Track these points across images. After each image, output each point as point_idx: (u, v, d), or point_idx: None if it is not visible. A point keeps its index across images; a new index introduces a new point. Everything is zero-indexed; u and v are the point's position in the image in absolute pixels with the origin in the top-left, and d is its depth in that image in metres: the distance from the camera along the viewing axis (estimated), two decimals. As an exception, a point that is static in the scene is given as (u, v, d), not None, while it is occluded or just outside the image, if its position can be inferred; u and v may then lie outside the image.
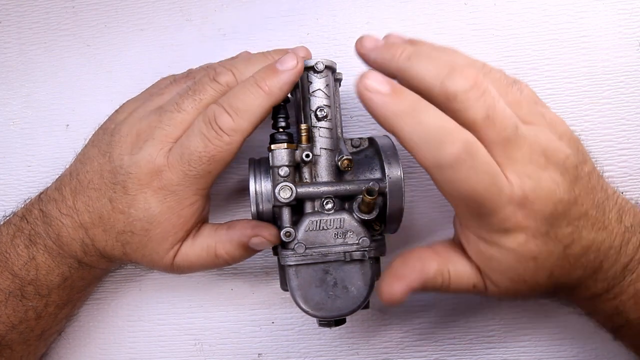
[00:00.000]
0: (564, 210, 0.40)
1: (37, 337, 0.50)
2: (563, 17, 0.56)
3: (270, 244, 0.47)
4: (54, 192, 0.49)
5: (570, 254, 0.42)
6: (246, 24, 0.58)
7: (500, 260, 0.41)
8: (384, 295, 0.43)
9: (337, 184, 0.46)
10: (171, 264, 0.48)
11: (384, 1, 0.58)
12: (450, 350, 0.56)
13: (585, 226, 0.42)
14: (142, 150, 0.46)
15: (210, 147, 0.44)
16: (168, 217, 0.46)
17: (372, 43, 0.44)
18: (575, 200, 0.41)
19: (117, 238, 0.47)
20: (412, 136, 0.37)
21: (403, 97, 0.38)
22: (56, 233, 0.47)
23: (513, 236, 0.40)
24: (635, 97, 0.55)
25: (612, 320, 0.46)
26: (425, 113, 0.37)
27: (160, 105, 0.49)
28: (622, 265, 0.43)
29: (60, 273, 0.48)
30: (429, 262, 0.44)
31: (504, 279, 0.43)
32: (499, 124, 0.38)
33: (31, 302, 0.48)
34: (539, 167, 0.40)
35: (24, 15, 0.60)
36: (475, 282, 0.44)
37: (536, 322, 0.55)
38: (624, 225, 0.43)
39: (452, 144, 0.36)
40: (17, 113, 0.59)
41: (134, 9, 0.59)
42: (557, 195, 0.40)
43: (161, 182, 0.45)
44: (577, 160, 0.41)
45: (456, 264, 0.44)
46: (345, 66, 0.52)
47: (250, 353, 0.57)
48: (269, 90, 0.44)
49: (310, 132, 0.47)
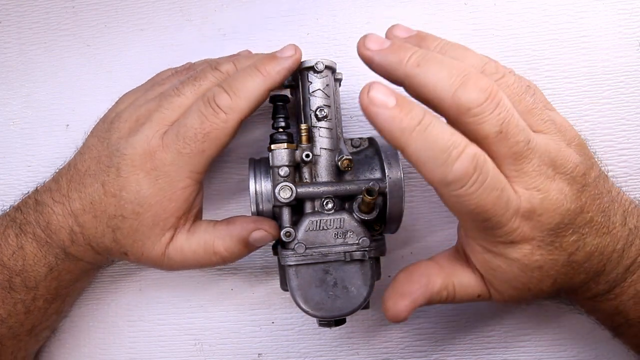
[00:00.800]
0: (570, 220, 0.40)
1: (27, 332, 0.50)
2: (563, 17, 0.56)
3: (271, 238, 0.47)
4: (51, 182, 0.50)
5: (574, 261, 0.42)
6: (246, 24, 0.58)
7: (506, 270, 0.41)
8: (389, 312, 0.43)
9: (337, 184, 0.46)
10: (163, 253, 0.47)
11: (384, 1, 0.58)
12: (451, 350, 0.56)
13: (590, 233, 0.41)
14: (138, 133, 0.46)
15: (206, 124, 0.44)
16: (159, 199, 0.46)
17: (377, 44, 0.40)
18: (582, 209, 0.40)
19: (108, 223, 0.47)
20: (419, 152, 0.35)
21: (410, 111, 0.35)
22: (46, 221, 0.47)
23: (519, 247, 0.40)
24: (635, 97, 0.55)
25: (611, 320, 0.46)
26: (433, 128, 0.35)
27: (161, 92, 0.49)
28: (624, 267, 0.43)
29: (46, 263, 0.48)
30: (434, 278, 0.44)
31: (508, 288, 0.43)
32: (512, 138, 0.37)
33: (19, 295, 0.48)
34: (547, 178, 0.39)
35: (24, 15, 0.60)
36: (480, 292, 0.44)
37: (536, 322, 0.55)
38: (628, 227, 0.43)
39: (460, 160, 0.35)
40: (17, 113, 0.59)
41: (134, 9, 0.59)
42: (565, 206, 0.39)
43: (154, 163, 0.45)
44: (585, 168, 0.41)
45: (461, 277, 0.44)
46: (346, 66, 0.52)
47: (250, 353, 0.57)
48: (267, 73, 0.45)
49: (310, 132, 0.47)
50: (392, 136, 0.36)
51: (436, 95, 0.37)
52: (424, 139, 0.35)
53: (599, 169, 0.43)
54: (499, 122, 0.36)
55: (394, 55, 0.39)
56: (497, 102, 0.36)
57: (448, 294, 0.44)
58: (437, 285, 0.43)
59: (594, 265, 0.42)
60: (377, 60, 0.39)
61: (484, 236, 0.40)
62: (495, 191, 0.36)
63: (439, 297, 0.43)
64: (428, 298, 0.43)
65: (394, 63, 0.38)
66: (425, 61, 0.38)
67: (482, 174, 0.35)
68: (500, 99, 0.37)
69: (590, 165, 0.42)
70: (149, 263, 0.49)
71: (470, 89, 0.36)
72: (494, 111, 0.36)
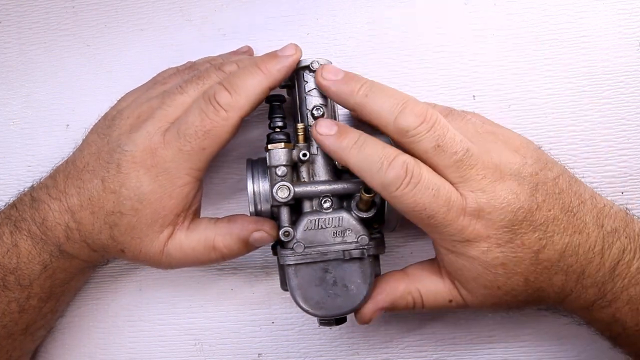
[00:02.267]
0: (525, 217, 0.42)
1: (21, 331, 0.50)
2: (563, 17, 0.56)
3: (271, 240, 0.47)
4: (47, 179, 0.50)
5: (544, 259, 0.43)
6: (246, 24, 0.58)
7: (470, 268, 0.44)
8: (355, 315, 0.47)
9: (334, 183, 0.46)
10: (161, 250, 0.47)
11: (384, 1, 0.58)
12: (451, 350, 0.56)
13: (556, 231, 0.43)
14: (140, 129, 0.47)
15: (207, 121, 0.45)
16: (159, 196, 0.46)
17: (332, 75, 0.46)
18: (539, 207, 0.43)
19: (106, 220, 0.47)
20: (358, 165, 0.43)
21: (347, 135, 0.44)
22: (42, 217, 0.47)
23: (475, 245, 0.43)
24: (635, 97, 0.55)
25: (609, 329, 0.46)
26: (367, 145, 0.43)
27: (164, 90, 0.50)
28: (608, 269, 0.43)
29: (41, 261, 0.48)
30: (395, 283, 0.47)
31: (477, 287, 0.45)
32: (449, 149, 0.42)
33: (13, 294, 0.48)
34: (493, 181, 0.42)
35: (24, 15, 0.60)
36: (452, 297, 0.47)
37: (537, 322, 0.55)
38: (605, 229, 0.44)
39: (391, 167, 0.41)
40: (17, 113, 0.59)
41: (134, 9, 0.59)
42: (516, 204, 0.42)
43: (154, 160, 0.46)
44: (536, 168, 0.44)
45: (426, 283, 0.47)
46: (346, 66, 0.52)
47: (250, 353, 0.57)
48: (267, 71, 0.46)
49: (307, 132, 0.47)
50: (336, 155, 0.44)
51: (381, 122, 0.44)
52: (360, 154, 0.43)
53: (562, 170, 0.46)
54: (435, 138, 0.42)
55: (347, 86, 0.45)
56: (433, 122, 0.42)
57: (414, 299, 0.47)
58: (399, 291, 0.47)
59: (570, 264, 0.43)
60: (332, 90, 0.46)
61: (440, 236, 0.43)
62: (430, 190, 0.41)
63: (405, 302, 0.47)
64: (390, 302, 0.47)
65: (346, 93, 0.45)
66: (372, 92, 0.44)
67: (414, 176, 0.41)
68: (435, 119, 0.42)
69: (543, 166, 0.45)
70: (146, 260, 0.48)
71: (407, 114, 0.43)
72: (429, 130, 0.42)
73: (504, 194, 0.42)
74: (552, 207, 0.43)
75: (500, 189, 0.42)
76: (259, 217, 0.48)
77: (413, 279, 0.47)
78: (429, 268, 0.48)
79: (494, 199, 0.42)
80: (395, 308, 0.47)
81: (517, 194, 0.42)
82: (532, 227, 0.43)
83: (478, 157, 0.43)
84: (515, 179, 0.43)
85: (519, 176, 0.43)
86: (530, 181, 0.43)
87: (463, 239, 0.42)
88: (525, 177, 0.43)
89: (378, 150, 0.43)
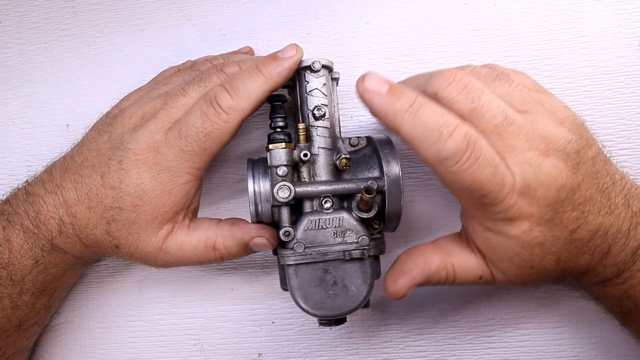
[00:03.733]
0: (567, 196, 0.41)
1: (15, 327, 0.50)
2: (563, 17, 0.56)
3: (271, 247, 0.48)
4: (43, 174, 0.50)
5: (577, 239, 0.42)
6: (246, 24, 0.58)
7: (507, 248, 0.42)
8: (389, 290, 0.45)
9: (335, 183, 0.46)
10: (159, 248, 0.47)
11: (384, 1, 0.58)
12: (451, 350, 0.56)
13: (591, 211, 0.42)
14: (142, 128, 0.47)
15: (208, 124, 0.45)
16: (159, 193, 0.46)
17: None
18: (579, 186, 0.41)
19: (103, 215, 0.47)
20: (412, 132, 0.39)
21: (401, 95, 0.39)
22: (36, 211, 0.48)
23: (517, 224, 0.41)
24: (635, 97, 0.55)
25: (620, 305, 0.46)
26: (424, 110, 0.39)
27: (166, 91, 0.50)
28: (631, 249, 0.43)
29: (32, 256, 0.48)
30: (431, 257, 0.45)
31: (511, 267, 0.44)
32: (487, 113, 0.40)
33: (6, 289, 0.48)
34: (539, 154, 0.40)
35: (24, 15, 0.60)
36: (482, 274, 0.45)
37: (537, 322, 0.55)
38: (632, 209, 0.43)
39: (452, 138, 0.38)
40: (17, 113, 0.59)
41: (134, 9, 0.59)
42: (560, 182, 0.41)
43: (157, 158, 0.46)
44: (579, 145, 0.42)
45: (460, 258, 0.45)
46: (346, 66, 0.52)
47: (250, 353, 0.57)
48: (268, 74, 0.46)
49: (308, 132, 0.47)
50: (386, 119, 0.40)
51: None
52: (416, 120, 0.39)
53: (598, 150, 0.44)
54: (468, 100, 0.40)
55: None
56: (464, 85, 0.40)
57: (447, 274, 0.45)
58: (434, 265, 0.45)
59: (598, 245, 0.43)
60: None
61: (483, 214, 0.42)
62: (489, 167, 0.38)
63: (438, 277, 0.45)
64: (426, 276, 0.45)
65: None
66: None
67: (475, 151, 0.38)
68: (467, 82, 0.40)
69: (586, 144, 0.43)
70: (141, 257, 0.49)
71: (434, 78, 0.41)
72: (461, 92, 0.40)
73: (550, 170, 0.40)
74: (589, 186, 0.42)
75: (546, 165, 0.40)
76: (262, 225, 0.48)
77: (447, 253, 0.46)
78: (459, 242, 0.46)
79: (540, 175, 0.40)
80: (428, 283, 0.45)
81: (560, 170, 0.41)
82: (572, 206, 0.41)
83: (522, 126, 0.41)
84: (559, 155, 0.41)
85: (564, 152, 0.41)
86: (574, 159, 0.42)
87: (506, 217, 0.41)
88: (570, 154, 0.41)
89: (437, 116, 0.38)
